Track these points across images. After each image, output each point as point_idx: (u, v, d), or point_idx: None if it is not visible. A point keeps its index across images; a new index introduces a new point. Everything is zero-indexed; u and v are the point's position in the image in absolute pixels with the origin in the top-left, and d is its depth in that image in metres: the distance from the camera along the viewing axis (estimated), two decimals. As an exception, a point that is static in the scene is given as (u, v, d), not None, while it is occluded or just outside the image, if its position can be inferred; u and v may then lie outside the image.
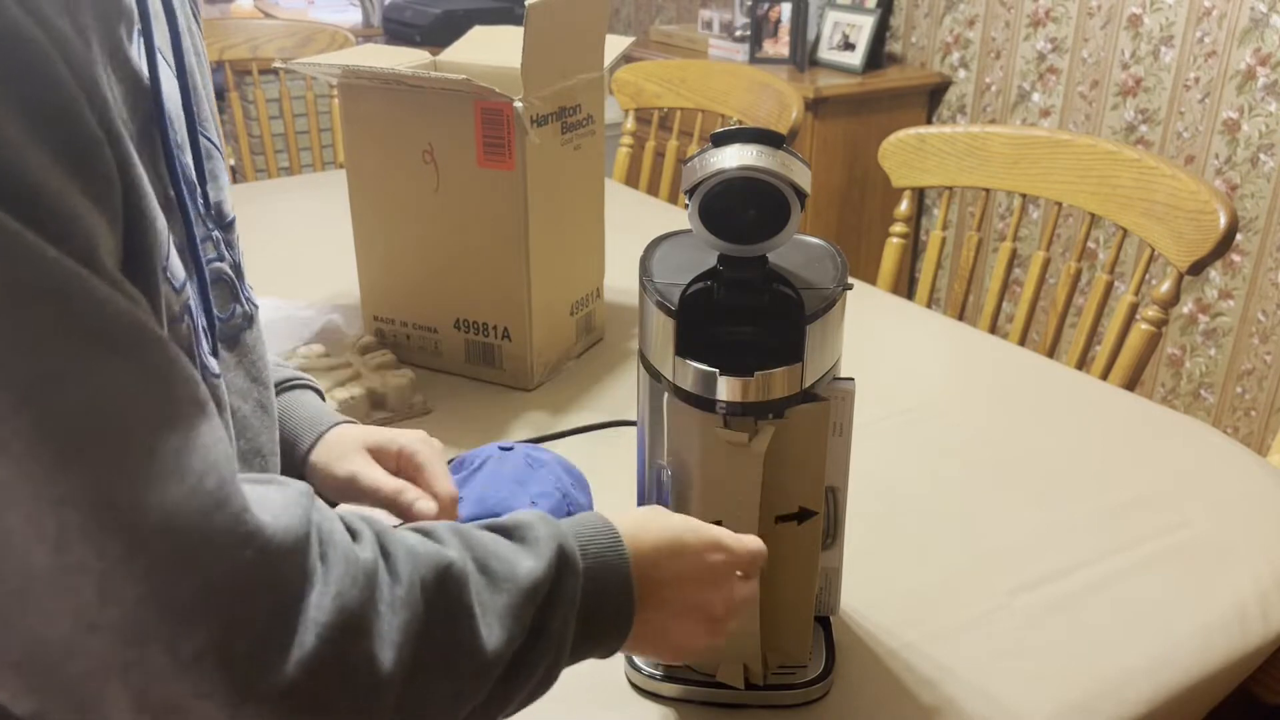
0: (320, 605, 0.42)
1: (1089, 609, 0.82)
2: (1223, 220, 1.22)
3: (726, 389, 0.64)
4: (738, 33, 2.95)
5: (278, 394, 0.76)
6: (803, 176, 0.63)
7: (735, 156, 0.62)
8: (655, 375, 0.69)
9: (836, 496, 0.74)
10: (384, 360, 1.12)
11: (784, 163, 0.63)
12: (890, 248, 1.59)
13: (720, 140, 0.64)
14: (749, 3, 2.83)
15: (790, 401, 0.66)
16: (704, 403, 0.66)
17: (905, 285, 2.63)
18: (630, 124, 2.08)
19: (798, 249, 0.72)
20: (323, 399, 0.82)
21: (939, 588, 0.84)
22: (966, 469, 1.01)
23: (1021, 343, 1.39)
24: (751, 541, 0.62)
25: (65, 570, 0.37)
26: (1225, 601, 0.83)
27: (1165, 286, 1.28)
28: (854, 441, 0.73)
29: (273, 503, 0.43)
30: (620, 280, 1.37)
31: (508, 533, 0.55)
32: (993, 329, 1.47)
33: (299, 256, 1.50)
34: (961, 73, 2.74)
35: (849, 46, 2.75)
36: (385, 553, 0.47)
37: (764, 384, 0.65)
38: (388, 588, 0.46)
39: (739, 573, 0.62)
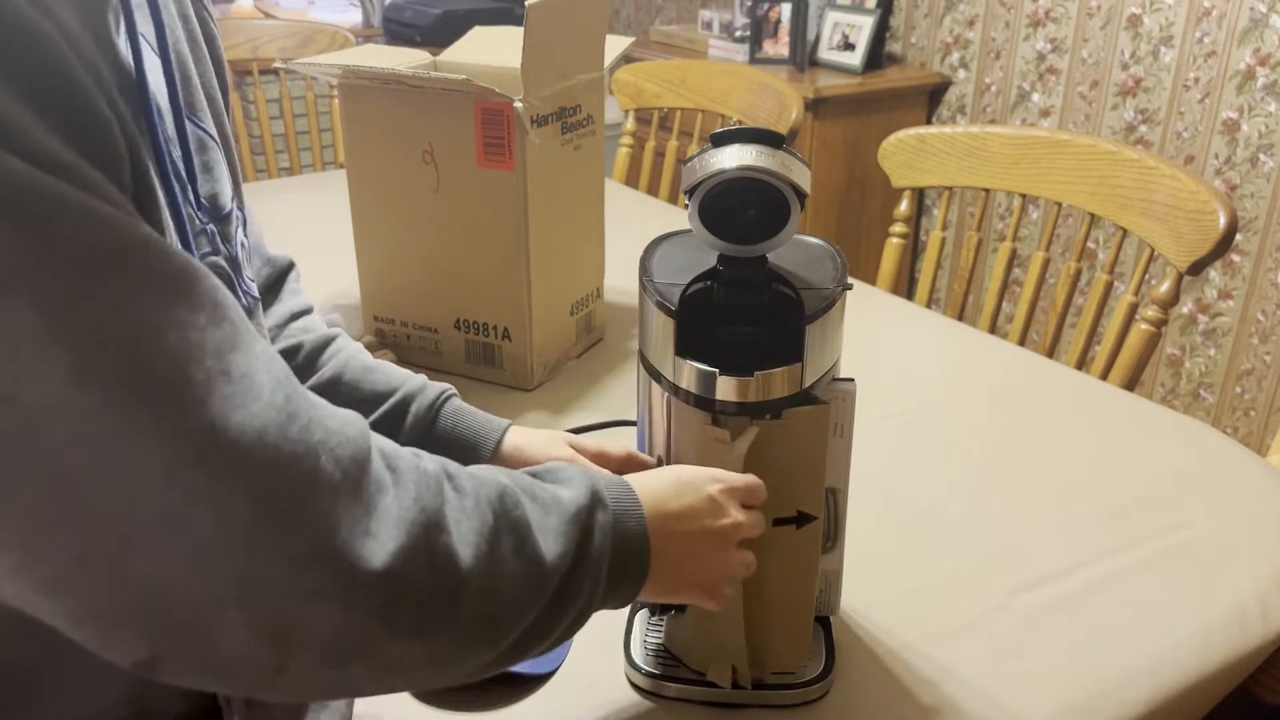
0: (402, 503, 0.46)
1: (1089, 609, 0.82)
2: (1222, 220, 1.22)
3: (726, 389, 0.64)
4: (738, 33, 2.95)
5: (432, 411, 0.79)
6: (802, 177, 0.63)
7: (735, 156, 0.62)
8: (655, 375, 0.69)
9: (837, 498, 0.74)
10: (384, 360, 1.12)
11: (784, 163, 0.63)
12: (890, 248, 1.59)
13: (720, 140, 0.64)
14: (749, 3, 2.84)
15: (790, 402, 0.66)
16: (704, 403, 0.66)
17: (905, 285, 2.63)
18: (630, 124, 2.09)
19: (798, 249, 0.72)
20: None
21: (939, 588, 0.84)
22: (966, 469, 1.01)
23: (1021, 343, 1.39)
24: (744, 476, 0.66)
25: (179, 503, 0.39)
26: (1225, 601, 0.83)
27: (1165, 286, 1.28)
28: (854, 442, 0.73)
29: (334, 418, 0.46)
30: (620, 280, 1.37)
31: (538, 475, 0.58)
32: (992, 329, 1.47)
33: (299, 256, 1.50)
34: (961, 73, 2.74)
35: (849, 47, 2.75)
36: (448, 472, 0.51)
37: (763, 384, 0.65)
38: (456, 498, 0.49)
39: (740, 502, 0.65)
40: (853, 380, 0.70)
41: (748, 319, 0.68)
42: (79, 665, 0.50)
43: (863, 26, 2.73)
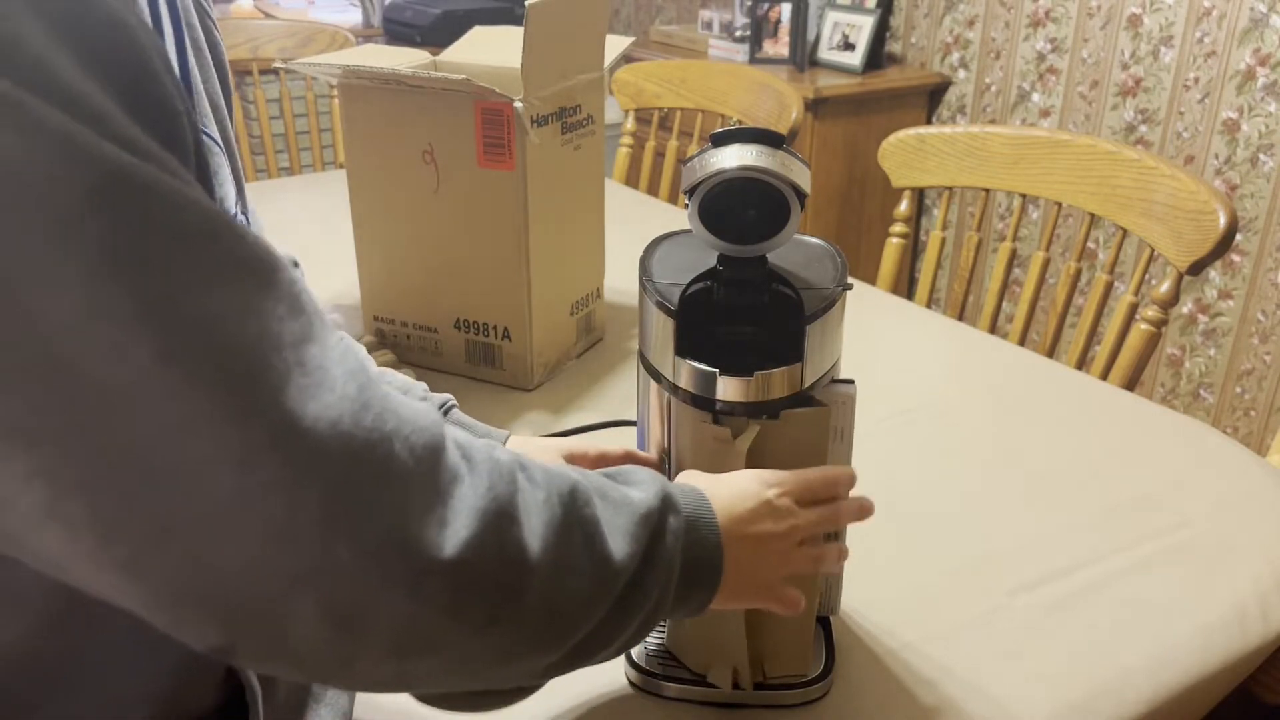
0: (475, 493, 0.46)
1: (1089, 609, 0.82)
2: (1222, 220, 1.22)
3: (726, 389, 0.65)
4: (738, 33, 2.95)
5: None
6: (802, 176, 0.63)
7: (735, 156, 0.62)
8: (655, 375, 0.69)
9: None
10: (385, 360, 1.13)
11: (784, 163, 0.63)
12: (890, 248, 1.59)
13: (720, 140, 0.64)
14: (749, 3, 2.84)
15: (790, 402, 0.66)
16: (703, 402, 0.66)
17: (905, 285, 2.63)
18: (630, 124, 2.08)
19: (797, 249, 0.72)
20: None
21: (939, 588, 0.84)
22: (966, 469, 1.01)
23: (1021, 343, 1.39)
24: (802, 474, 0.65)
25: (254, 488, 0.39)
26: (1225, 601, 0.83)
27: (1165, 286, 1.28)
28: (854, 442, 0.73)
29: (407, 407, 0.46)
30: (620, 280, 1.37)
31: (611, 477, 0.58)
32: (992, 329, 1.47)
33: (299, 257, 1.50)
34: (961, 73, 2.74)
35: (849, 47, 2.75)
36: (521, 464, 0.51)
37: (763, 384, 0.65)
38: (529, 490, 0.49)
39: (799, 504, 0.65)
40: (853, 383, 0.69)
41: (748, 319, 0.68)
42: (107, 665, 0.50)
43: (863, 26, 2.73)
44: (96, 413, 0.37)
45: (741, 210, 0.64)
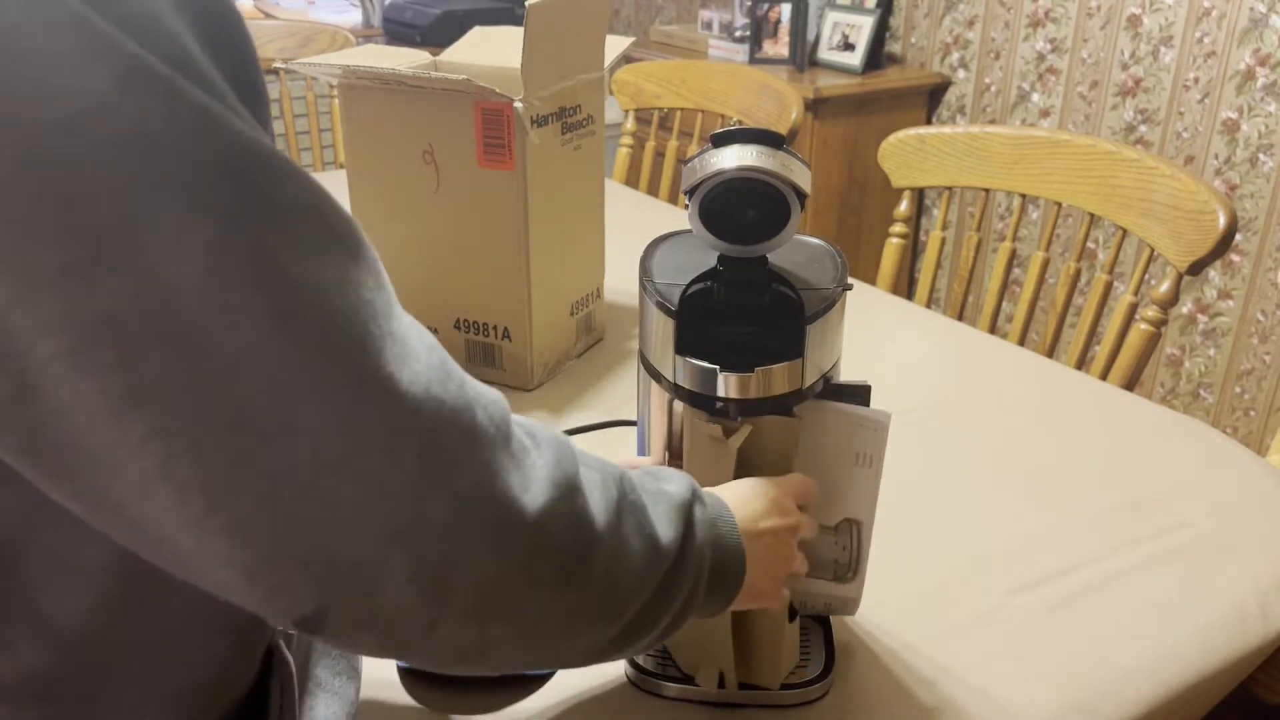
0: (545, 464, 0.48)
1: (1089, 609, 0.82)
2: (1222, 220, 1.22)
3: (726, 385, 0.65)
4: (738, 33, 2.95)
5: None
6: (802, 177, 0.63)
7: (735, 157, 0.62)
8: (655, 375, 0.69)
9: (860, 531, 0.73)
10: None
11: (784, 163, 0.63)
12: (890, 248, 1.59)
13: (720, 140, 0.64)
14: (749, 3, 2.84)
15: (790, 399, 0.66)
16: (703, 400, 0.66)
17: (905, 285, 2.63)
18: (630, 124, 2.09)
19: (798, 249, 0.72)
20: None
21: (939, 588, 0.84)
22: (966, 469, 1.01)
23: (1021, 343, 1.39)
24: (794, 477, 0.67)
25: (356, 447, 0.40)
26: (1225, 601, 0.83)
27: (1165, 286, 1.28)
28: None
29: (476, 382, 0.48)
30: (620, 280, 1.37)
31: (644, 471, 0.60)
32: (992, 329, 1.47)
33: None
34: (961, 73, 2.74)
35: (849, 47, 2.75)
36: (575, 447, 0.53)
37: (764, 381, 0.65)
38: (586, 470, 0.51)
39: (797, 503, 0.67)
40: (888, 413, 0.69)
41: (748, 319, 0.68)
42: (160, 654, 0.51)
43: (862, 27, 2.73)
44: (214, 375, 0.38)
45: (741, 210, 0.64)
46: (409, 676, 0.74)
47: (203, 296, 0.37)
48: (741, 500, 0.63)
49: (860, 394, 0.70)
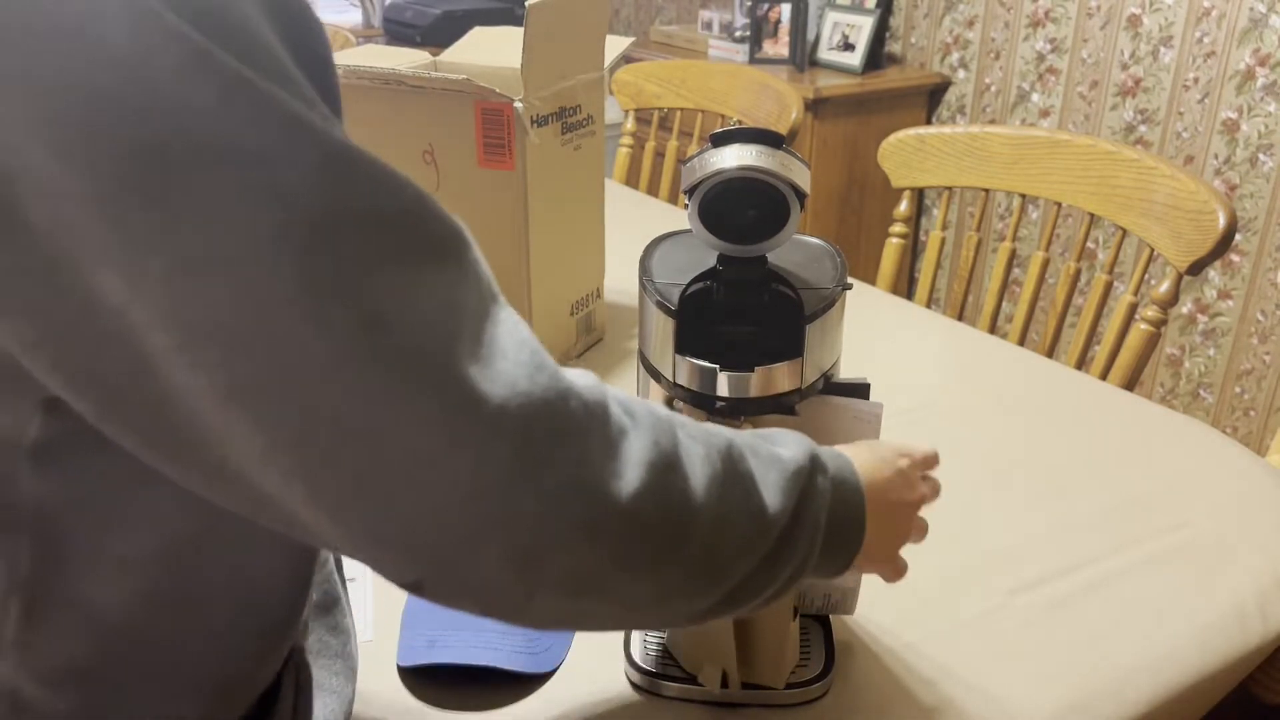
0: (641, 446, 0.48)
1: (1089, 609, 0.82)
2: (1222, 220, 1.22)
3: (725, 385, 0.65)
4: (737, 33, 2.95)
5: None
6: (802, 176, 0.63)
7: (735, 156, 0.62)
8: (655, 375, 0.69)
9: None
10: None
11: (783, 163, 0.63)
12: (890, 248, 1.59)
13: (720, 140, 0.64)
14: (749, 3, 2.84)
15: (790, 399, 0.66)
16: (703, 400, 0.66)
17: (905, 285, 2.63)
18: (630, 124, 2.09)
19: (797, 249, 0.72)
20: None
21: (939, 588, 0.84)
22: (966, 469, 1.01)
23: (1021, 343, 1.39)
24: (924, 445, 0.68)
25: (447, 445, 0.42)
26: (1225, 601, 0.83)
27: (1164, 286, 1.28)
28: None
29: (573, 371, 0.49)
30: (620, 280, 1.37)
31: (759, 436, 0.59)
32: (992, 329, 1.47)
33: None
34: (961, 73, 2.74)
35: (848, 47, 2.75)
36: (679, 421, 0.53)
37: (763, 380, 0.65)
38: (689, 445, 0.51)
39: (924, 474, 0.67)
40: (880, 405, 0.69)
41: (747, 319, 0.68)
42: (195, 648, 0.52)
43: (862, 27, 2.73)
44: (306, 378, 0.39)
45: (741, 210, 0.64)
46: (409, 675, 0.74)
47: (293, 303, 0.39)
48: (871, 467, 0.62)
49: (859, 390, 0.70)
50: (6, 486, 0.44)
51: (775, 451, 0.56)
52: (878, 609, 0.81)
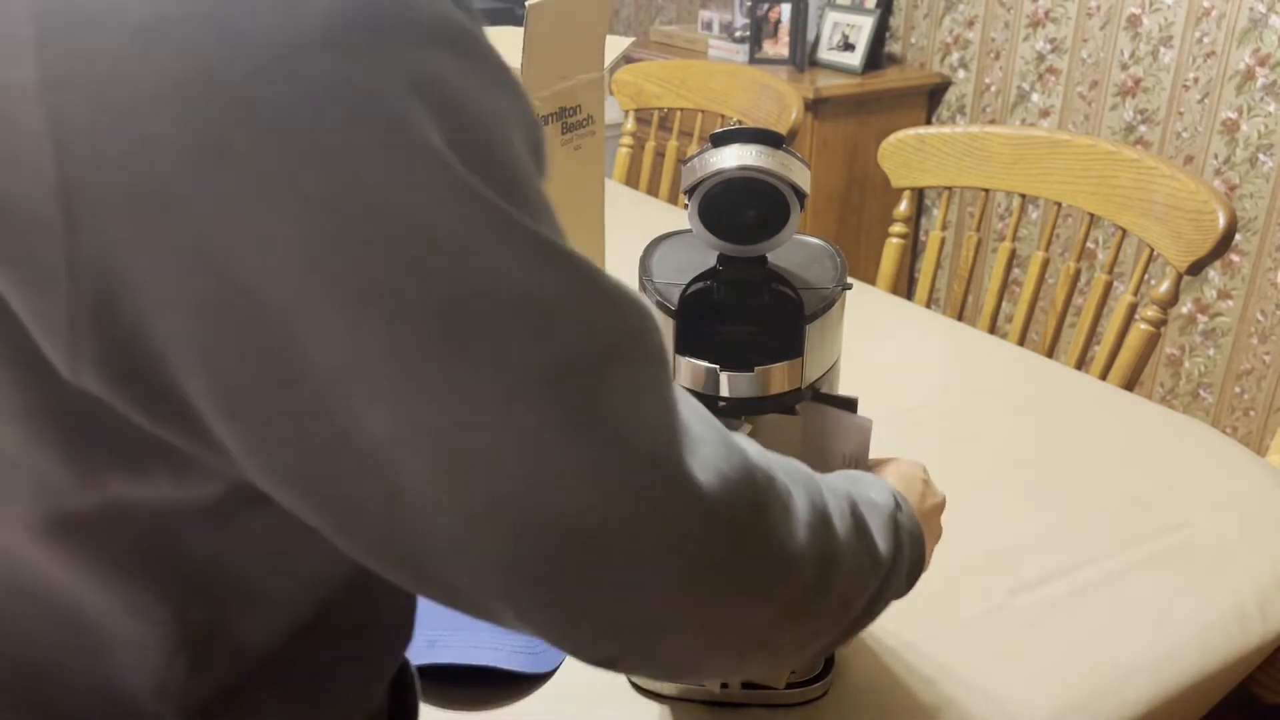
0: (803, 507, 0.49)
1: (1089, 609, 0.82)
2: (1222, 220, 1.22)
3: (726, 385, 0.65)
4: (737, 33, 2.95)
5: None
6: (802, 176, 0.63)
7: (735, 156, 0.62)
8: (655, 375, 0.69)
9: None
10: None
11: (783, 163, 0.63)
12: (890, 248, 1.59)
13: (720, 140, 0.64)
14: (749, 3, 2.84)
15: (790, 398, 0.66)
16: (704, 400, 0.66)
17: (905, 285, 2.63)
18: (630, 124, 2.09)
19: (797, 249, 0.72)
20: None
21: (939, 588, 0.84)
22: (966, 469, 1.01)
23: (1021, 343, 1.39)
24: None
25: (672, 537, 0.42)
26: (1225, 601, 0.83)
27: (1164, 286, 1.28)
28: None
29: (737, 437, 0.49)
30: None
31: (847, 479, 0.61)
32: (992, 329, 1.47)
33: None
34: (961, 73, 2.74)
35: (848, 47, 2.75)
36: (809, 471, 0.54)
37: (763, 379, 0.65)
38: (829, 497, 0.53)
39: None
40: (869, 420, 0.69)
41: (748, 319, 0.68)
42: (326, 673, 0.53)
43: (862, 27, 2.73)
44: (555, 495, 0.39)
45: (741, 210, 0.64)
46: (409, 676, 0.74)
47: (555, 431, 0.39)
48: (908, 483, 0.65)
49: (848, 405, 0.70)
50: (180, 544, 0.44)
51: (870, 496, 0.58)
52: (878, 609, 0.81)
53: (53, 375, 0.37)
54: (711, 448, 0.45)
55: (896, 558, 0.57)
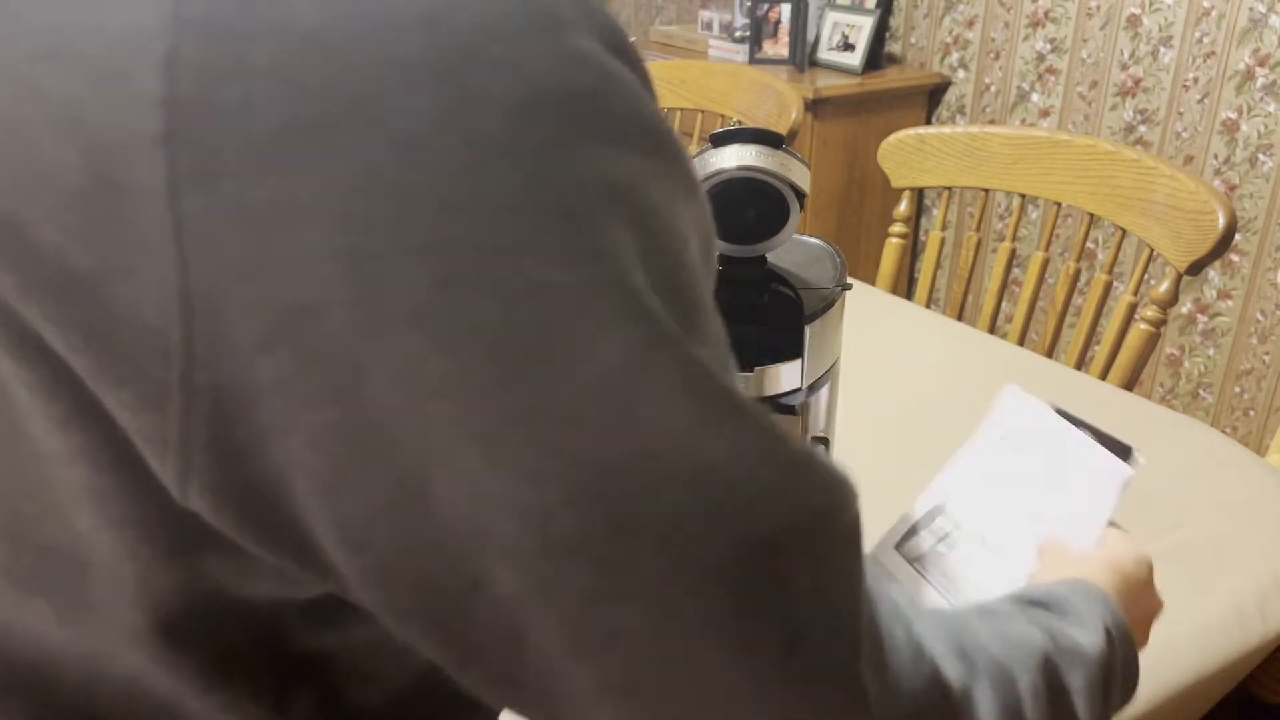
0: (987, 703, 0.44)
1: (1088, 609, 0.82)
2: (1221, 220, 1.22)
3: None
4: (737, 33, 2.95)
5: None
6: (802, 176, 0.64)
7: (734, 156, 0.63)
8: (655, 375, 0.69)
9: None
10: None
11: (783, 163, 0.63)
12: (889, 248, 1.59)
13: (720, 140, 0.64)
14: (749, 3, 2.84)
15: (791, 398, 0.66)
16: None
17: (905, 285, 2.63)
18: (630, 124, 2.08)
19: (797, 249, 0.73)
20: None
21: (938, 587, 0.84)
22: (966, 469, 1.01)
23: (1021, 343, 1.39)
24: (1143, 548, 0.65)
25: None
26: (1224, 601, 0.83)
27: (1164, 286, 1.28)
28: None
29: (916, 624, 0.45)
30: (620, 280, 1.37)
31: (1047, 608, 0.55)
32: (992, 329, 1.47)
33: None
34: (961, 73, 2.74)
35: (848, 47, 2.75)
36: (994, 650, 0.48)
37: (762, 380, 0.65)
38: (1024, 680, 0.47)
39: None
40: (1129, 471, 0.67)
41: (748, 319, 0.68)
42: None
43: (862, 27, 2.73)
44: (708, 699, 0.35)
45: (741, 210, 0.64)
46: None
47: (715, 626, 0.34)
48: (1125, 590, 0.60)
49: (1120, 449, 0.68)
50: (288, 640, 0.41)
51: (1075, 640, 0.52)
52: (877, 609, 0.81)
53: (160, 489, 0.33)
54: (900, 651, 0.40)
55: (1103, 708, 0.53)
